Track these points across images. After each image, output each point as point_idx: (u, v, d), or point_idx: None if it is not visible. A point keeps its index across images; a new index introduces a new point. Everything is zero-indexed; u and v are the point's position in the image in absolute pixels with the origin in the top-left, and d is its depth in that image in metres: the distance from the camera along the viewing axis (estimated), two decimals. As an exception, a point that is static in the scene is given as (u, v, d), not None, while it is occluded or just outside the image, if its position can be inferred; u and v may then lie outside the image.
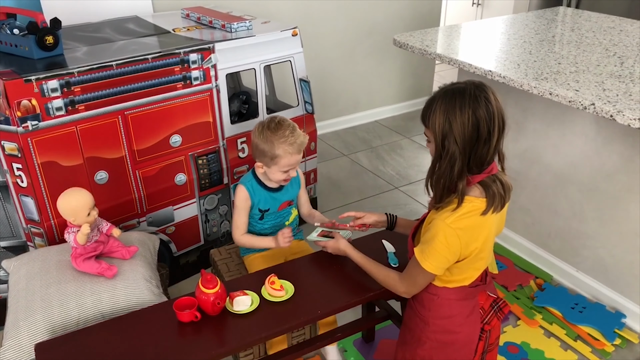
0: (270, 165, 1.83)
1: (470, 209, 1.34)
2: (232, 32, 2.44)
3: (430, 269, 1.39)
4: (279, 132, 1.79)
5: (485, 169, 1.35)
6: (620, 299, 2.31)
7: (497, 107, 1.29)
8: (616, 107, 1.76)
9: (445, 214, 1.35)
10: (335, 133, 4.08)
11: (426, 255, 1.39)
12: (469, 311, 1.48)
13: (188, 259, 2.53)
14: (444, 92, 1.32)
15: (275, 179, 1.87)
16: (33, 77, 1.88)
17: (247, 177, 1.94)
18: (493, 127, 1.28)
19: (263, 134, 1.80)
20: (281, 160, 1.80)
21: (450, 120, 1.28)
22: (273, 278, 1.64)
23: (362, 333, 2.25)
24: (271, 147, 1.79)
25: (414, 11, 4.12)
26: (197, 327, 1.52)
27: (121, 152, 2.14)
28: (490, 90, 1.31)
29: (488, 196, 1.34)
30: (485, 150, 1.30)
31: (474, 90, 1.28)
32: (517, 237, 2.73)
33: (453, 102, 1.28)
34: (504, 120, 1.32)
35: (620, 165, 2.17)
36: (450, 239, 1.34)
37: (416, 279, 1.46)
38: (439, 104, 1.31)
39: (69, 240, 1.75)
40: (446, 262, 1.38)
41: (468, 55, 2.32)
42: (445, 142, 1.30)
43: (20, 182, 1.98)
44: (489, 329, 1.51)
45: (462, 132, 1.27)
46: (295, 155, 1.81)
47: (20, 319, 1.67)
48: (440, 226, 1.34)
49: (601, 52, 2.31)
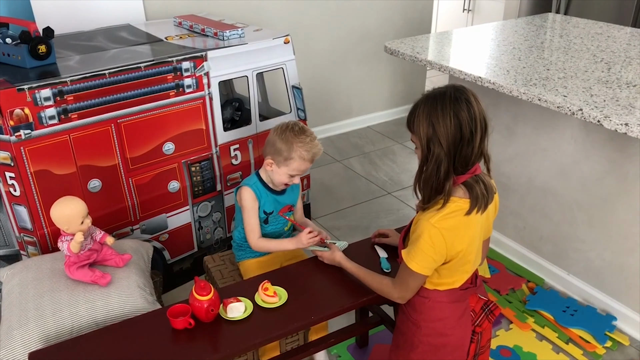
0: (281, 166, 1.85)
1: (454, 209, 1.37)
2: (225, 40, 2.45)
3: (417, 269, 1.41)
4: (301, 137, 1.82)
5: (470, 169, 1.38)
6: (611, 302, 2.33)
7: (478, 108, 1.33)
8: (603, 112, 1.78)
9: (429, 214, 1.38)
10: (328, 139, 4.10)
11: (412, 255, 1.41)
12: (460, 314, 1.49)
13: (181, 266, 2.53)
14: (425, 97, 1.36)
15: (279, 181, 1.89)
16: (26, 86, 1.88)
17: (251, 179, 1.94)
18: (475, 128, 1.32)
19: (285, 134, 1.83)
20: (293, 164, 1.83)
21: (434, 123, 1.32)
22: (266, 284, 1.65)
23: (356, 338, 2.26)
24: (289, 148, 1.82)
25: (405, 18, 4.15)
26: (191, 334, 1.53)
27: (114, 160, 2.15)
28: (470, 92, 1.35)
29: (472, 197, 1.37)
30: (469, 150, 1.34)
31: (455, 93, 1.32)
32: (508, 241, 2.75)
33: (435, 106, 1.32)
34: (486, 121, 1.35)
35: (609, 169, 2.20)
36: (435, 239, 1.36)
37: (407, 282, 1.47)
38: (421, 109, 1.35)
39: (63, 249, 1.75)
40: (432, 261, 1.40)
41: (458, 61, 2.35)
42: (431, 145, 1.34)
43: (13, 191, 1.98)
44: (480, 332, 1.53)
45: (446, 133, 1.31)
46: (307, 163, 1.85)
47: (14, 327, 1.67)
48: (425, 226, 1.37)
49: (589, 58, 2.35)
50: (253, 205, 1.90)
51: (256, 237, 1.91)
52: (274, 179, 1.90)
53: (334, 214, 3.15)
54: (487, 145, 1.40)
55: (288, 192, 1.98)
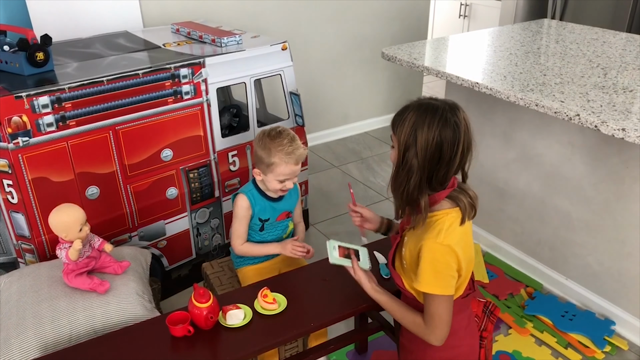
0: (267, 173, 1.85)
1: (452, 220, 1.35)
2: (222, 46, 2.46)
3: (442, 291, 1.35)
4: (277, 141, 1.82)
5: (447, 185, 1.37)
6: (609, 306, 2.34)
7: (465, 135, 1.31)
8: (600, 117, 1.79)
9: (429, 235, 1.34)
10: (326, 145, 4.11)
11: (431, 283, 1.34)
12: (467, 322, 1.48)
13: (180, 273, 2.53)
14: (418, 104, 1.34)
15: (272, 188, 1.89)
16: (24, 93, 1.88)
17: (247, 187, 1.95)
18: (456, 152, 1.30)
19: (262, 141, 1.84)
20: (277, 169, 1.82)
21: (417, 133, 1.29)
22: (266, 291, 1.65)
23: (355, 344, 2.25)
24: (268, 155, 1.81)
25: (402, 24, 4.17)
26: (190, 342, 1.52)
27: (112, 167, 2.14)
28: (463, 116, 1.32)
29: (461, 207, 1.36)
30: (445, 170, 1.32)
31: (447, 112, 1.30)
32: (507, 247, 2.75)
33: (423, 117, 1.30)
34: (469, 147, 1.33)
35: (607, 174, 2.21)
36: (448, 256, 1.33)
37: (440, 313, 1.37)
38: (410, 115, 1.32)
39: (61, 256, 1.75)
40: (452, 279, 1.36)
41: (455, 67, 2.36)
42: (407, 154, 1.32)
43: (11, 198, 1.97)
44: (486, 336, 1.52)
45: (425, 148, 1.29)
46: (291, 166, 1.83)
47: (12, 336, 1.66)
48: (434, 247, 1.33)
49: (585, 63, 2.36)
50: (245, 214, 1.91)
51: (240, 243, 1.94)
52: (267, 187, 1.90)
53: (332, 220, 3.15)
54: (468, 167, 1.39)
55: (286, 198, 1.98)
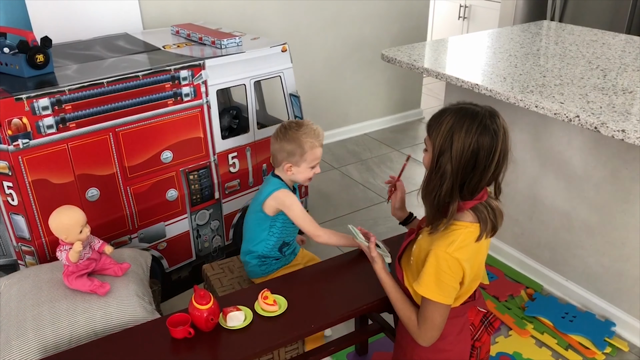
0: (300, 163, 1.89)
1: (468, 235, 1.33)
2: (222, 48, 2.46)
3: (442, 300, 1.34)
4: (302, 129, 1.87)
5: (477, 196, 1.35)
6: (610, 308, 2.34)
7: (503, 143, 1.29)
8: (600, 119, 1.79)
9: (442, 242, 1.32)
10: (325, 146, 4.10)
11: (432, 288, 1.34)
12: (459, 329, 1.47)
13: (180, 275, 2.53)
14: (458, 108, 1.31)
15: (304, 177, 1.92)
16: (24, 95, 1.88)
17: (276, 182, 1.94)
18: (491, 160, 1.28)
19: (287, 135, 1.87)
20: (310, 155, 1.88)
21: (453, 138, 1.27)
22: (266, 293, 1.65)
23: (356, 346, 2.25)
24: (299, 144, 1.86)
25: (401, 25, 4.18)
26: (191, 344, 1.52)
27: (112, 169, 2.14)
28: (502, 124, 1.30)
29: (481, 221, 1.34)
30: (478, 179, 1.30)
31: (486, 119, 1.28)
32: (507, 248, 2.75)
33: (462, 122, 1.27)
34: (505, 156, 1.31)
35: (607, 175, 2.21)
36: (454, 269, 1.32)
37: (434, 319, 1.37)
38: (447, 118, 1.30)
39: (61, 258, 1.75)
40: (454, 290, 1.35)
41: (455, 69, 2.36)
42: (441, 158, 1.29)
43: (11, 200, 1.97)
44: (479, 346, 1.51)
45: (460, 153, 1.27)
46: (319, 148, 1.90)
47: (12, 338, 1.66)
48: (442, 256, 1.31)
49: (584, 65, 2.36)
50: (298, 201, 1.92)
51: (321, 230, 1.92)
52: (297, 179, 1.93)
53: (332, 222, 3.15)
54: (502, 178, 1.36)
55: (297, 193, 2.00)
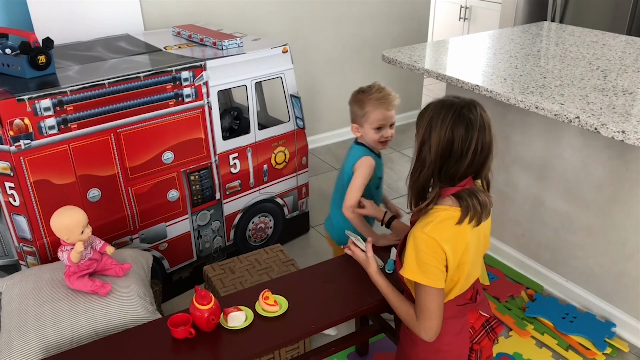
0: (363, 124, 1.93)
1: (445, 217, 1.35)
2: (223, 49, 2.46)
3: (427, 282, 1.35)
4: (368, 92, 1.92)
5: (459, 183, 1.37)
6: (610, 308, 2.34)
7: (479, 132, 1.31)
8: (600, 120, 1.80)
9: (421, 224, 1.36)
10: (326, 147, 4.11)
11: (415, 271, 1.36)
12: (458, 330, 1.47)
13: (181, 275, 2.53)
14: (438, 101, 1.37)
15: (371, 139, 1.95)
16: (26, 96, 1.89)
17: (360, 149, 1.97)
18: (467, 149, 1.31)
19: (355, 97, 1.95)
20: (371, 116, 1.90)
21: (432, 129, 1.33)
22: (267, 293, 1.65)
23: (356, 346, 2.25)
24: (361, 106, 1.92)
25: (402, 26, 4.18)
26: (192, 344, 1.53)
27: (114, 170, 2.15)
28: (479, 112, 1.32)
29: (462, 206, 1.36)
30: (455, 168, 1.33)
31: (462, 109, 1.31)
32: (507, 249, 2.76)
33: (439, 114, 1.33)
34: (485, 148, 1.34)
35: (607, 176, 2.21)
36: (432, 248, 1.33)
37: (427, 305, 1.38)
38: (429, 112, 1.36)
39: (63, 259, 1.75)
40: (439, 272, 1.35)
41: (455, 70, 2.37)
42: (423, 149, 1.36)
43: (13, 201, 1.98)
44: (478, 349, 1.50)
45: (437, 143, 1.32)
46: (384, 111, 1.90)
47: (14, 338, 1.66)
48: (420, 237, 1.34)
49: (585, 66, 2.37)
50: (368, 177, 1.94)
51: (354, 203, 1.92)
52: (367, 141, 1.97)
53: (333, 222, 3.14)
54: (488, 168, 1.39)
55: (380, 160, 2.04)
